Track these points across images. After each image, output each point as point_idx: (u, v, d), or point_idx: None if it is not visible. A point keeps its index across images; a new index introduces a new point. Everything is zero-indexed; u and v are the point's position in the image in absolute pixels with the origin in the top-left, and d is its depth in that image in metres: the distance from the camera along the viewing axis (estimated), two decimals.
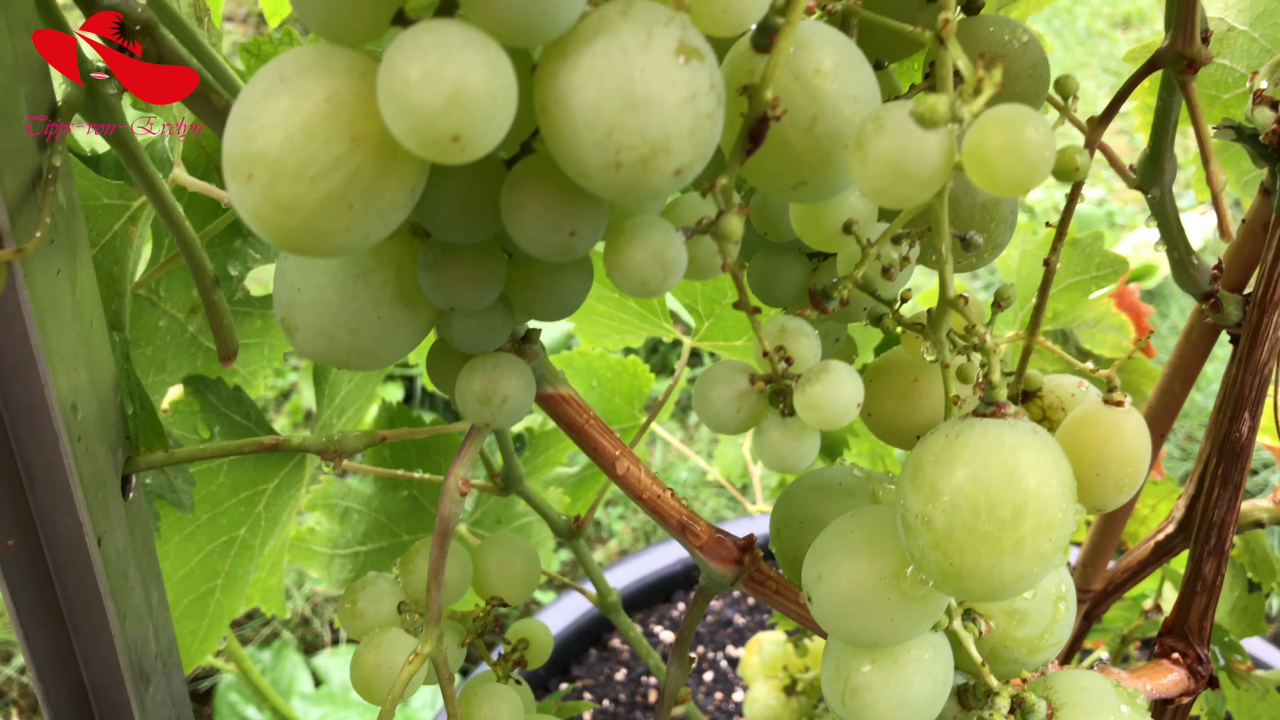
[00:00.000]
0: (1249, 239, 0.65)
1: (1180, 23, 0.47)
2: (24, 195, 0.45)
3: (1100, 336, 0.90)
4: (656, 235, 0.37)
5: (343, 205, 0.33)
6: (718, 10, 0.34)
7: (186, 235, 0.52)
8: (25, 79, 0.46)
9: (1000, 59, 0.52)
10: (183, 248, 0.52)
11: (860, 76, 0.38)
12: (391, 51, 0.31)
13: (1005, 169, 0.34)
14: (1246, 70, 0.76)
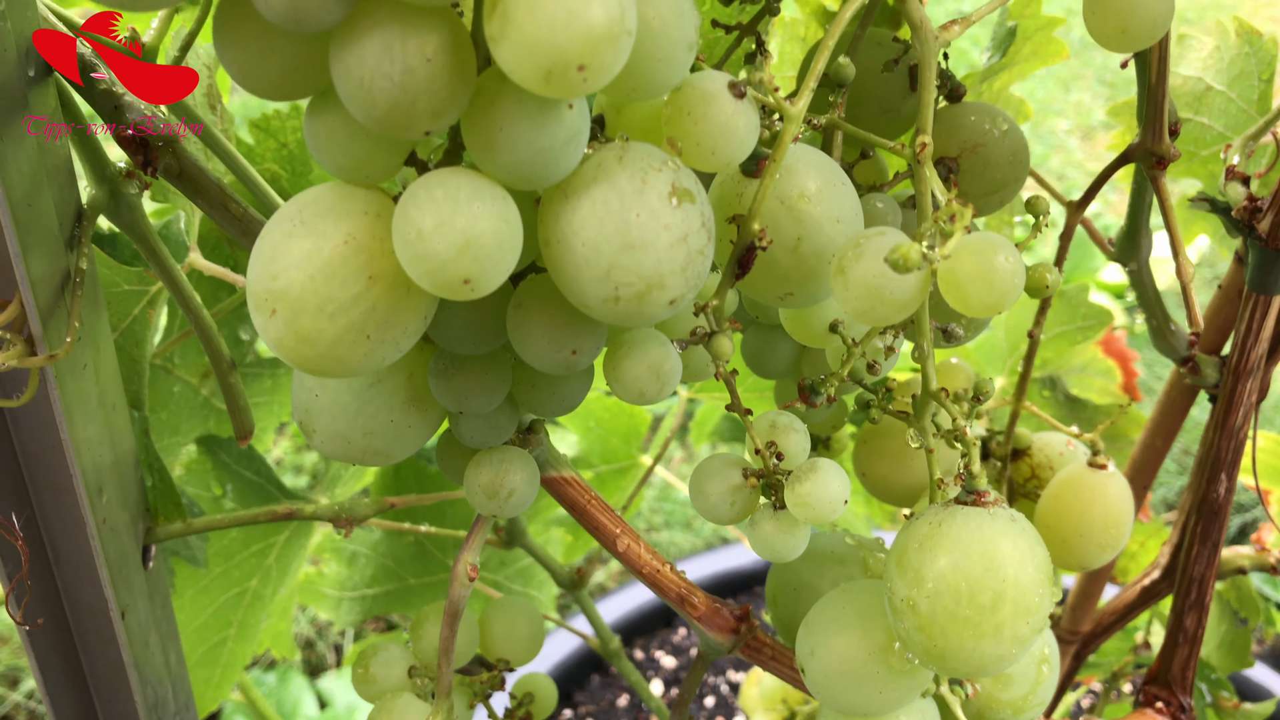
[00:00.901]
0: (1225, 304, 0.67)
1: (1150, 121, 0.50)
2: (54, 300, 0.48)
3: (1088, 381, 0.92)
4: (653, 349, 0.40)
5: (360, 336, 0.36)
6: (707, 153, 0.36)
7: (204, 323, 0.54)
8: (52, 182, 0.49)
9: (981, 147, 0.55)
10: (200, 334, 0.54)
11: (842, 197, 0.41)
12: (406, 200, 0.33)
13: (977, 295, 0.37)
14: (1224, 129, 0.79)
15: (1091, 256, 2.86)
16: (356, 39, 0.32)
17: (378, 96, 0.32)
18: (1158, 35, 0.40)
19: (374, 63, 0.31)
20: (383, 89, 0.32)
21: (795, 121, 0.37)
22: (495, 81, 0.33)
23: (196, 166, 0.46)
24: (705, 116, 0.36)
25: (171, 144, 0.46)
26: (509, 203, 0.34)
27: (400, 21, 0.31)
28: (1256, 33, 0.76)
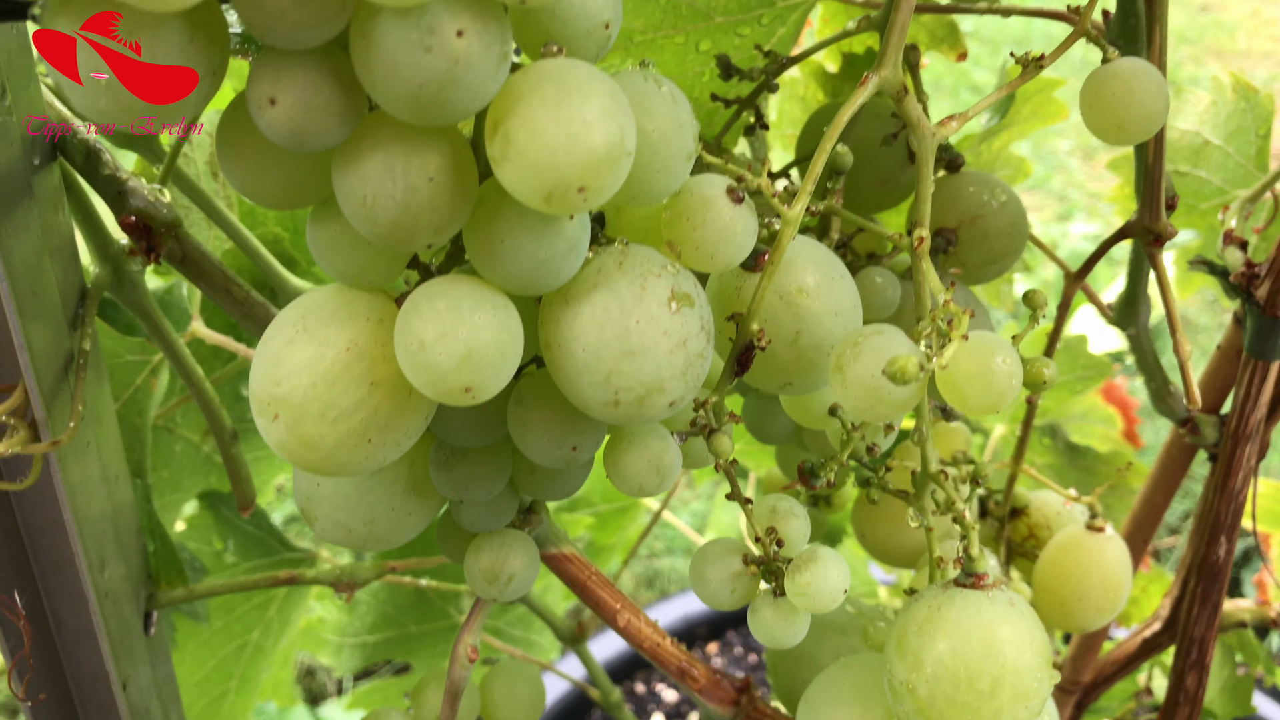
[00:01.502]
0: (1223, 363, 0.67)
1: (1147, 199, 0.50)
2: (57, 381, 0.48)
3: (1089, 429, 0.93)
4: (653, 443, 0.40)
5: (362, 440, 0.36)
6: (706, 257, 0.37)
7: (206, 395, 0.54)
8: (56, 260, 0.49)
9: (980, 219, 0.55)
10: (202, 406, 0.54)
11: (840, 291, 0.41)
12: (408, 310, 0.34)
13: (975, 396, 0.37)
14: (1222, 183, 0.79)
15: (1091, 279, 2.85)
16: (359, 158, 0.32)
17: (380, 215, 0.32)
18: (1153, 130, 0.41)
19: (376, 182, 0.32)
20: (385, 208, 0.32)
21: (793, 224, 0.38)
22: (497, 193, 0.33)
23: (199, 251, 0.47)
24: (704, 222, 0.36)
25: (174, 229, 0.46)
26: (510, 311, 0.34)
27: (402, 141, 0.32)
28: (1252, 89, 0.77)
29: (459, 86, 0.30)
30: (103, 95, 0.30)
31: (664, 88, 0.35)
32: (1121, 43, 0.49)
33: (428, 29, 0.29)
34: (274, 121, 0.31)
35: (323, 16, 0.29)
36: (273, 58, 0.30)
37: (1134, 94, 0.40)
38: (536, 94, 0.31)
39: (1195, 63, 3.91)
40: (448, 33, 0.29)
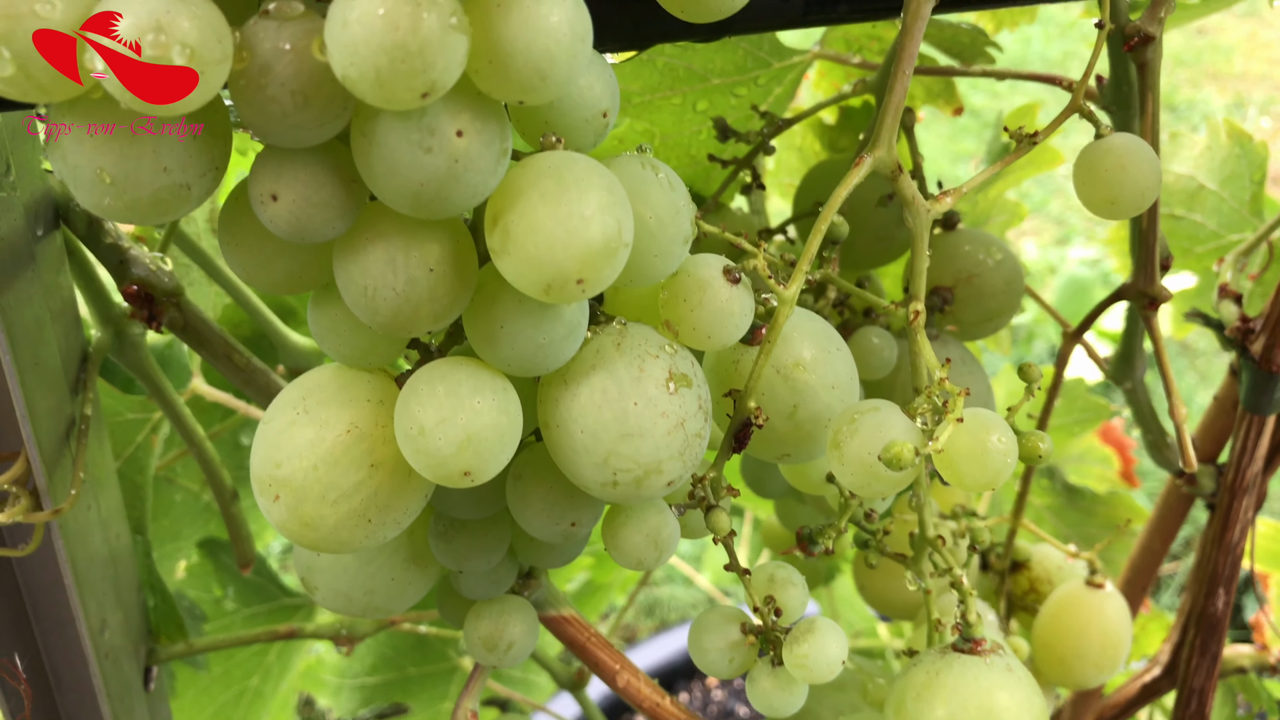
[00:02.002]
0: (1219, 414, 0.68)
1: (1142, 263, 0.51)
2: (58, 448, 0.48)
3: (1086, 469, 0.93)
4: (651, 517, 0.40)
5: (362, 520, 0.36)
6: (703, 337, 0.37)
7: (207, 454, 0.55)
8: (58, 323, 0.50)
9: (976, 277, 0.55)
10: (203, 465, 0.55)
11: (837, 363, 0.42)
12: (408, 394, 0.34)
13: (970, 474, 0.37)
14: (1217, 227, 0.80)
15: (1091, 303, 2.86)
16: (360, 250, 0.32)
17: (381, 305, 0.32)
18: (1145, 206, 0.41)
19: (378, 274, 0.32)
20: (386, 299, 0.32)
21: (789, 304, 0.38)
22: (496, 279, 0.34)
23: (200, 319, 0.47)
24: (701, 304, 0.37)
25: (176, 298, 0.46)
26: (510, 394, 0.35)
27: (402, 232, 0.32)
28: (1247, 135, 0.77)
29: (459, 184, 0.30)
30: (107, 193, 0.30)
31: (661, 174, 0.36)
32: (1114, 108, 0.50)
33: (428, 129, 0.29)
34: (276, 217, 0.31)
35: (324, 118, 0.29)
36: (274, 154, 0.31)
37: (1127, 171, 0.40)
38: (535, 189, 0.31)
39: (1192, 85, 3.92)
40: (448, 133, 0.30)
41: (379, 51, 0.26)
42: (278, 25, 0.29)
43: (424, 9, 0.27)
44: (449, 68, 0.28)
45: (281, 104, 0.29)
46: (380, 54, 0.27)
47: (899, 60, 0.37)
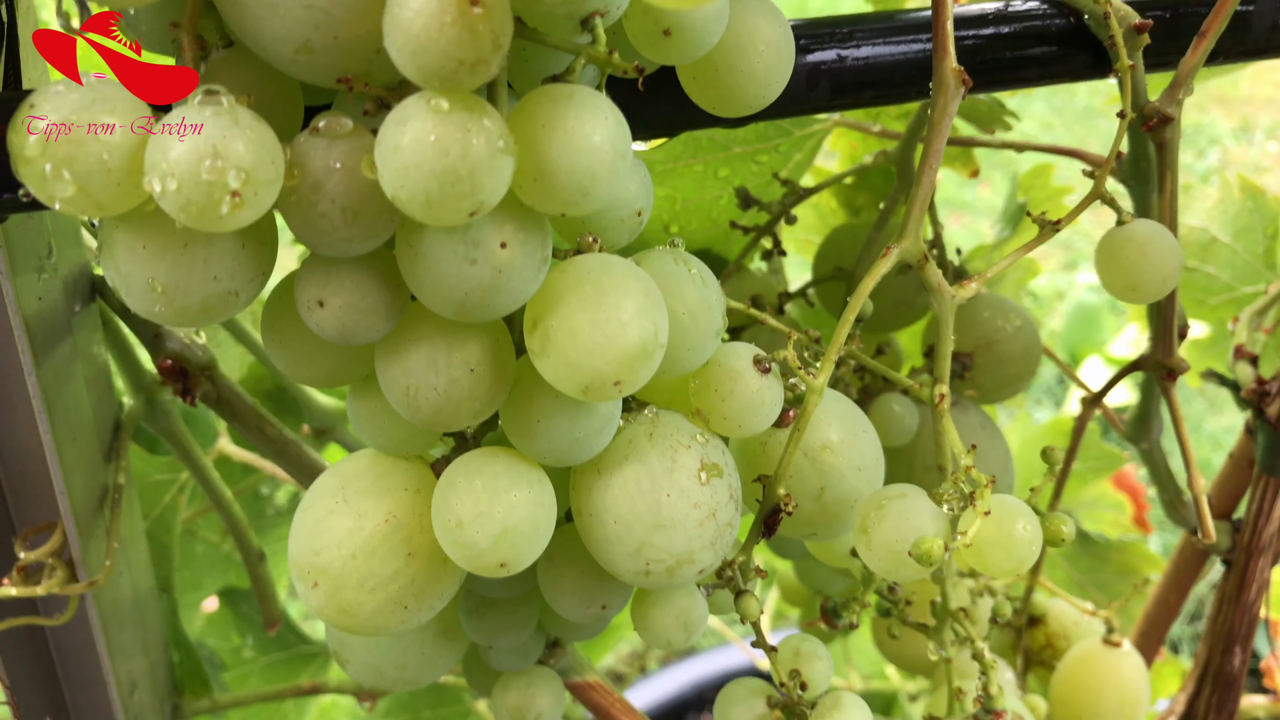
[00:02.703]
0: (1235, 471, 0.68)
1: (1159, 335, 0.51)
2: (92, 517, 0.49)
3: (1100, 514, 0.93)
4: (681, 599, 0.41)
5: (398, 607, 0.37)
6: (734, 426, 0.38)
7: (234, 517, 0.55)
8: (92, 391, 0.50)
9: (995, 344, 0.56)
10: (230, 527, 0.55)
11: (863, 445, 0.42)
12: (445, 486, 0.35)
13: (996, 561, 0.38)
14: (1231, 279, 0.80)
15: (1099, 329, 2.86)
16: (403, 351, 0.33)
17: (423, 404, 0.33)
18: (1166, 291, 0.42)
19: (420, 374, 0.33)
20: (428, 398, 0.33)
21: (818, 393, 0.39)
22: (533, 374, 0.34)
23: (233, 392, 0.48)
24: (732, 394, 0.37)
25: (209, 371, 0.47)
26: (545, 486, 0.35)
27: (444, 334, 0.33)
28: (1259, 190, 0.78)
29: (503, 293, 0.31)
30: (159, 301, 0.31)
31: (693, 270, 0.36)
32: (1133, 183, 0.50)
33: (473, 242, 0.30)
34: (322, 322, 0.32)
35: (372, 232, 0.30)
36: (321, 261, 0.32)
37: (1148, 258, 0.41)
38: (575, 294, 0.32)
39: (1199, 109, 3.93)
40: (492, 245, 0.30)
41: (430, 176, 0.27)
42: (328, 143, 0.29)
43: (473, 135, 0.27)
44: (496, 189, 0.28)
45: (331, 220, 0.30)
46: (431, 179, 0.27)
47: (926, 156, 0.38)
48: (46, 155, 0.28)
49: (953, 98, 0.37)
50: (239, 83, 0.31)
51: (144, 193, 0.29)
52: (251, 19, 0.29)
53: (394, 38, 0.27)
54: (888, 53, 0.43)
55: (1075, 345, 2.77)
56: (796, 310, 0.65)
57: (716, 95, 0.37)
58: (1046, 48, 0.46)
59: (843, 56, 0.43)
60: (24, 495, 0.48)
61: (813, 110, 0.43)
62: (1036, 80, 0.47)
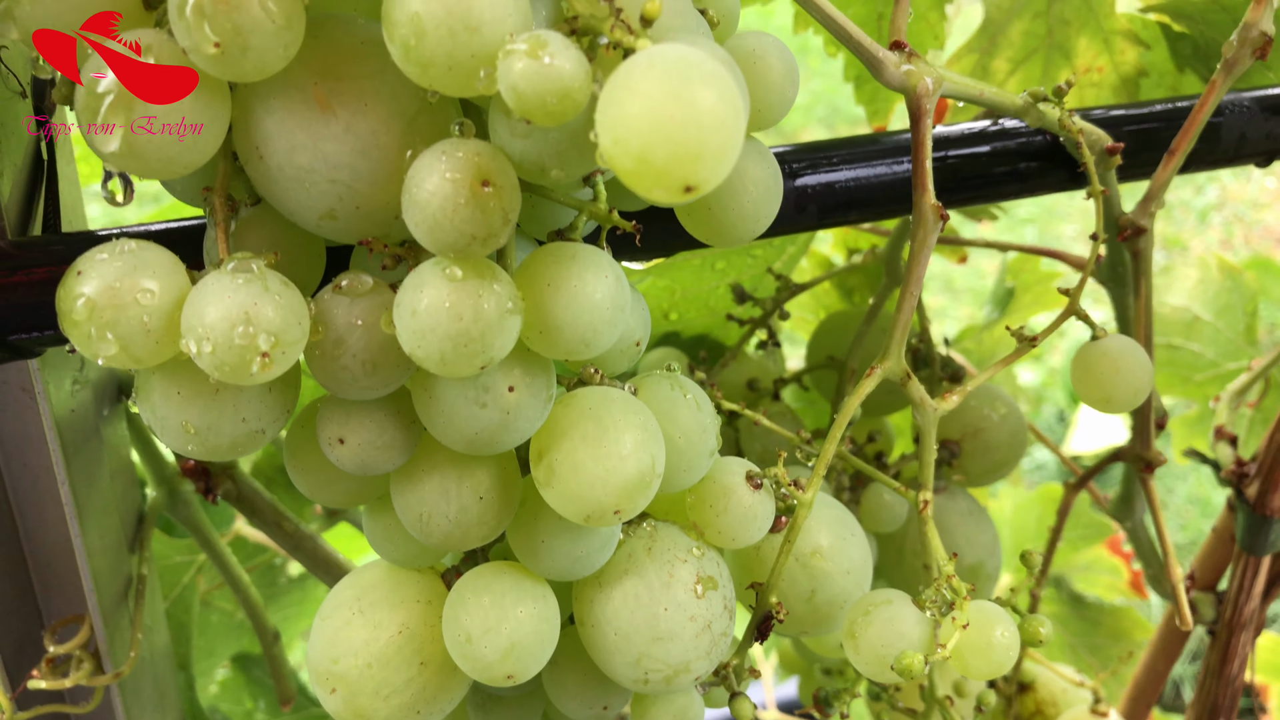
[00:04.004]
0: (1218, 544, 0.70)
1: (1138, 428, 0.54)
2: (116, 606, 0.51)
3: (1094, 578, 0.95)
4: (679, 699, 0.43)
5: (411, 713, 0.39)
6: (728, 539, 0.40)
7: (252, 600, 0.58)
8: (117, 484, 0.53)
9: (982, 431, 0.58)
10: (247, 609, 0.58)
11: (852, 549, 0.44)
12: (455, 601, 0.37)
13: (976, 665, 0.40)
14: (1215, 356, 0.83)
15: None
16: (416, 480, 0.35)
17: (435, 530, 0.36)
18: (1138, 403, 0.44)
19: (433, 502, 0.35)
20: (440, 524, 0.35)
21: (807, 506, 0.41)
22: (537, 496, 0.37)
23: (253, 490, 0.50)
24: (726, 510, 0.39)
25: (230, 470, 0.50)
26: (550, 600, 0.38)
27: (455, 465, 0.35)
28: (1237, 270, 0.80)
29: (510, 431, 0.34)
30: (191, 441, 0.33)
31: (689, 395, 0.39)
32: (1111, 285, 0.53)
33: (483, 387, 0.33)
34: (343, 457, 0.34)
35: (390, 381, 0.33)
36: (340, 402, 0.34)
37: (1120, 372, 0.44)
38: (578, 430, 0.34)
39: None
40: (501, 389, 0.33)
41: (445, 339, 0.30)
42: (350, 301, 0.32)
43: (485, 299, 0.30)
44: (505, 345, 0.31)
45: (352, 371, 0.32)
46: (446, 341, 0.30)
47: (907, 283, 0.41)
48: (92, 320, 0.30)
49: (931, 230, 0.40)
50: (266, 239, 0.34)
51: (179, 347, 0.31)
52: (280, 190, 0.32)
53: (412, 215, 0.30)
54: (872, 174, 0.46)
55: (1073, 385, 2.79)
56: (791, 394, 0.68)
57: (709, 230, 0.39)
58: (1025, 164, 0.49)
59: (829, 180, 0.45)
60: (52, 588, 0.50)
61: (801, 230, 0.46)
62: (1015, 195, 0.49)
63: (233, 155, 0.33)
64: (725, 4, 0.38)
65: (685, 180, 0.26)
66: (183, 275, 0.31)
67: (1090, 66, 0.66)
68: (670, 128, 0.25)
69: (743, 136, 0.27)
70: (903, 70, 0.40)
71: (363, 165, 0.31)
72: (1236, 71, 0.46)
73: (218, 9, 0.28)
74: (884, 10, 0.60)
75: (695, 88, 0.25)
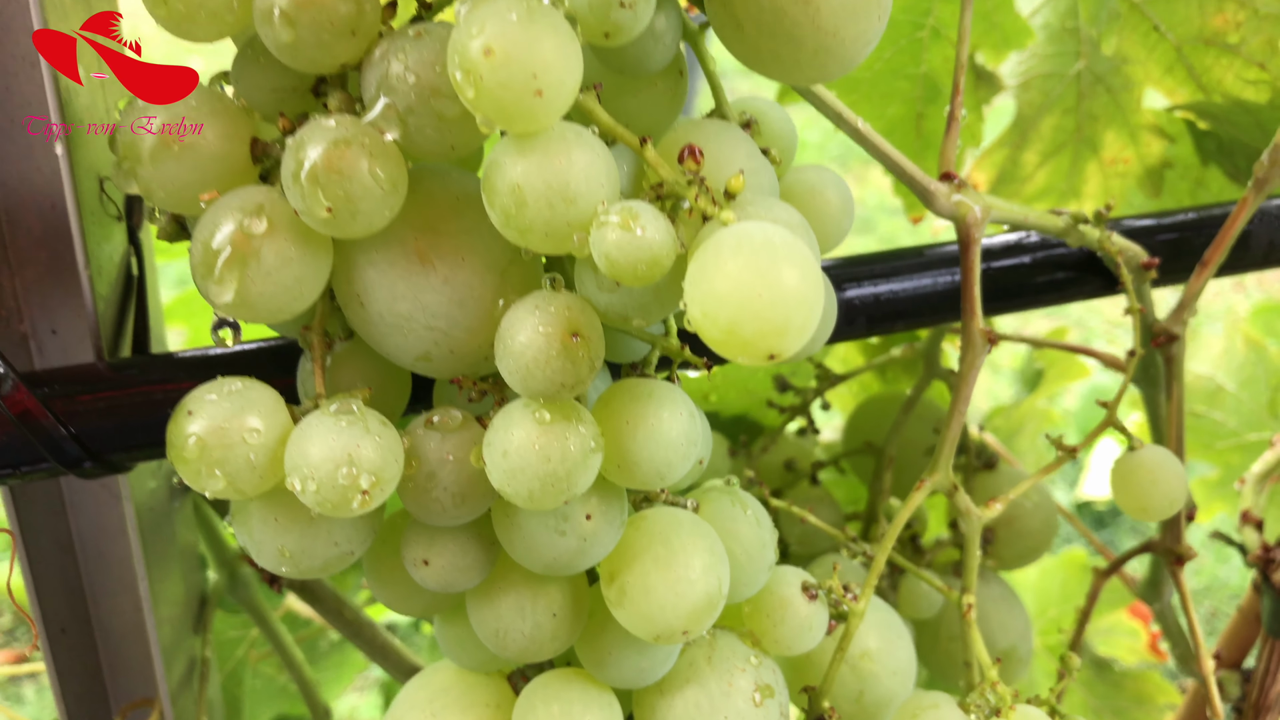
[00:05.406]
0: (1244, 624, 0.72)
1: (1168, 522, 0.55)
2: (181, 687, 0.53)
3: (1115, 641, 0.96)
4: None
5: None
6: (785, 648, 0.42)
7: (305, 675, 0.59)
8: (185, 569, 0.55)
9: (1016, 520, 0.60)
10: (300, 684, 0.59)
11: (899, 651, 0.46)
12: (524, 710, 0.39)
13: None
14: (1238, 426, 0.84)
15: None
16: (493, 597, 0.37)
17: (510, 644, 0.37)
18: (1174, 511, 0.46)
19: (509, 619, 0.37)
20: (515, 640, 0.37)
21: (859, 616, 0.43)
22: (605, 608, 0.38)
23: (326, 590, 0.52)
24: (783, 620, 0.41)
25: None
26: (615, 709, 0.39)
27: (530, 583, 0.37)
28: (1262, 344, 0.82)
29: (586, 556, 0.35)
30: (285, 563, 0.35)
31: (749, 511, 0.41)
32: (1144, 384, 0.55)
33: (563, 516, 0.35)
34: (427, 578, 0.36)
35: (476, 510, 0.35)
36: (426, 527, 0.36)
37: (1157, 484, 0.45)
38: (649, 554, 0.36)
39: None
40: (579, 518, 0.35)
41: (534, 479, 0.32)
42: (441, 437, 0.34)
43: (571, 440, 0.32)
44: (588, 481, 0.33)
45: (443, 503, 0.34)
46: (535, 480, 0.32)
47: (955, 400, 0.43)
48: (203, 458, 0.32)
49: (980, 353, 0.42)
50: (359, 373, 0.36)
51: (281, 479, 0.33)
52: (379, 334, 0.34)
53: (506, 363, 0.32)
54: (917, 286, 0.48)
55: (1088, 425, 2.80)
56: (829, 476, 0.69)
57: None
58: (1063, 273, 0.51)
59: (877, 293, 0.47)
60: (121, 672, 0.52)
61: (851, 338, 0.48)
62: (1054, 301, 0.51)
63: (330, 296, 0.35)
64: (784, 142, 0.41)
65: (770, 351, 0.28)
66: (285, 413, 0.33)
67: (1117, 158, 0.68)
68: (757, 305, 0.27)
69: (822, 306, 0.29)
70: (954, 200, 0.42)
71: (459, 314, 0.33)
72: (1267, 189, 0.48)
73: (331, 177, 0.30)
74: (923, 110, 0.62)
75: (781, 268, 0.27)
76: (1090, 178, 0.68)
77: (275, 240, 0.31)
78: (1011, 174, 0.67)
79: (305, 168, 0.30)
